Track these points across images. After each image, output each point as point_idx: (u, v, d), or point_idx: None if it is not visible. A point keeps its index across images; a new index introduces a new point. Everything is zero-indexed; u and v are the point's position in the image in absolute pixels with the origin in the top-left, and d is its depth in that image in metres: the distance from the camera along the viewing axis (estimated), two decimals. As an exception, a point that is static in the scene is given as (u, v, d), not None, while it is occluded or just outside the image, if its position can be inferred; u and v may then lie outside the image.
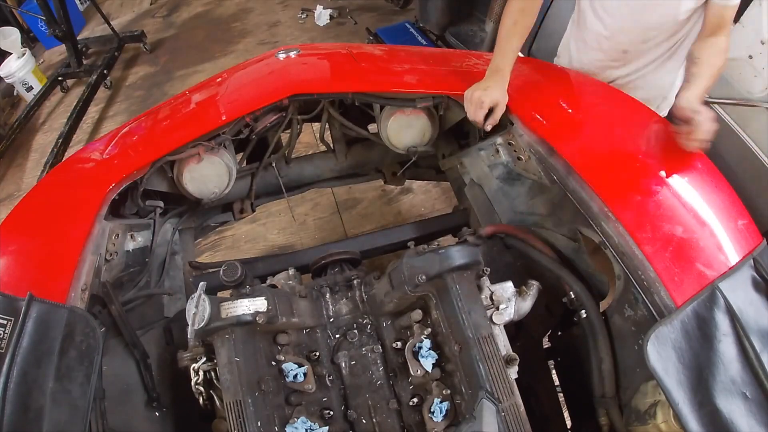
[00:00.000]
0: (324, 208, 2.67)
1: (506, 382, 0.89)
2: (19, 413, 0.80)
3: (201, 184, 1.41)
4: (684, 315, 0.86)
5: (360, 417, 0.98)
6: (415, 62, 1.44)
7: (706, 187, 1.06)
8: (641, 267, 0.94)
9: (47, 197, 1.22)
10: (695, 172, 1.09)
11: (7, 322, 0.86)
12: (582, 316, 1.07)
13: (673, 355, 0.84)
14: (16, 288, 0.94)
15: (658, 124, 1.18)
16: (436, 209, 2.58)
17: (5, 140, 3.28)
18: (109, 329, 1.05)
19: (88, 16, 4.63)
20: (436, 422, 0.91)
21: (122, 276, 1.24)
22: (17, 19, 3.83)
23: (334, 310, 1.11)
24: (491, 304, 1.01)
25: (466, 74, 1.42)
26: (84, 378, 0.88)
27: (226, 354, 0.92)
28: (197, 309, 0.90)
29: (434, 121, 1.50)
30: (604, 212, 1.02)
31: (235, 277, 0.99)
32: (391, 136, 1.53)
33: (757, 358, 0.82)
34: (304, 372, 0.95)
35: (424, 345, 0.96)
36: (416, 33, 3.11)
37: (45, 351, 0.87)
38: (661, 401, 0.89)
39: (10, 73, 3.57)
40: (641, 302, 0.95)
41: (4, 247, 1.06)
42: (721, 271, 0.90)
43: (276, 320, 0.95)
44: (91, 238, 1.08)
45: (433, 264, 0.96)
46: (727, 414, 0.80)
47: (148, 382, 1.06)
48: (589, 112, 1.22)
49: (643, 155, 1.11)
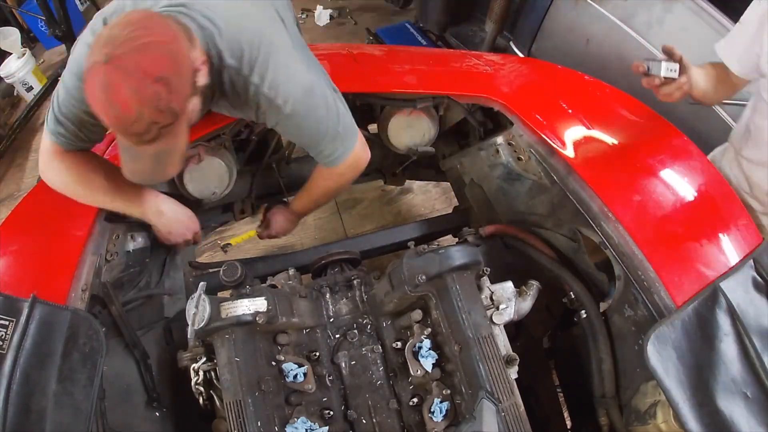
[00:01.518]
0: (324, 208, 2.67)
1: (506, 382, 0.89)
2: (22, 415, 0.80)
3: (201, 184, 1.41)
4: (684, 315, 0.86)
5: (360, 417, 0.98)
6: (415, 62, 1.44)
7: (706, 188, 1.06)
8: (641, 267, 0.94)
9: (48, 197, 1.22)
10: (695, 173, 1.09)
11: (8, 323, 0.87)
12: (582, 316, 1.07)
13: (673, 355, 0.84)
14: (17, 288, 0.94)
15: (659, 125, 1.18)
16: (436, 209, 2.58)
17: (5, 140, 3.28)
18: (109, 329, 1.05)
19: (88, 16, 4.62)
20: (436, 422, 0.91)
21: (122, 276, 1.24)
22: (17, 19, 3.83)
23: (334, 310, 1.11)
24: (491, 304, 1.01)
25: (466, 74, 1.42)
26: (87, 380, 0.88)
27: (226, 354, 0.92)
28: (197, 309, 0.90)
29: (434, 121, 1.50)
30: (604, 212, 1.02)
31: (235, 277, 0.99)
32: (391, 136, 1.53)
33: (758, 357, 0.83)
34: (304, 372, 0.95)
35: (424, 345, 0.96)
36: (416, 33, 3.11)
37: (48, 353, 0.87)
38: (661, 401, 0.89)
39: (10, 73, 3.56)
40: (641, 302, 0.95)
41: (5, 247, 1.06)
42: (721, 271, 0.90)
43: (276, 320, 0.95)
44: (92, 238, 1.08)
45: (433, 264, 0.96)
46: (727, 414, 0.80)
47: (148, 382, 1.06)
48: (589, 112, 1.22)
49: (644, 155, 1.11)
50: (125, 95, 0.78)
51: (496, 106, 1.32)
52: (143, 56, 0.79)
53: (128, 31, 0.79)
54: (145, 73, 0.78)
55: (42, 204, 1.20)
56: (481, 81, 1.39)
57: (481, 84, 1.37)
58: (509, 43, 2.55)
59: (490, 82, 1.37)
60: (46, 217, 1.15)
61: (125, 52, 0.78)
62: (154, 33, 0.81)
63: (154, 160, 0.88)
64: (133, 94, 0.78)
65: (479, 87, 1.36)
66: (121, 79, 0.77)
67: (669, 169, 1.08)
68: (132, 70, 0.78)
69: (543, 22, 2.25)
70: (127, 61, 0.78)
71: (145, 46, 0.79)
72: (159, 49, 0.81)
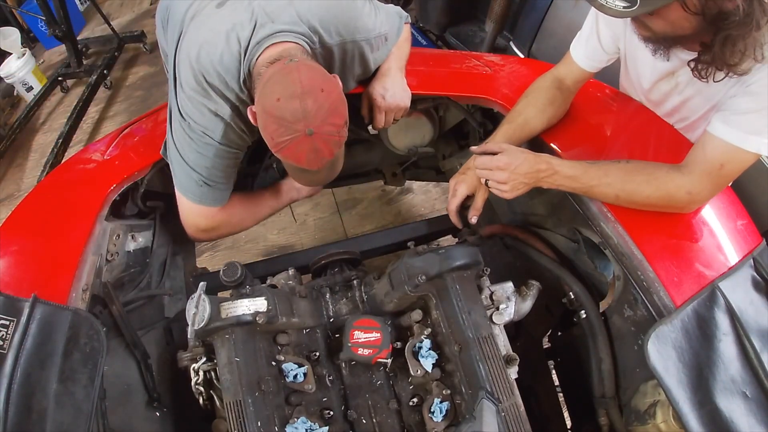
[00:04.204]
0: (324, 208, 2.67)
1: (506, 382, 0.89)
2: (22, 415, 0.80)
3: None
4: (684, 314, 0.86)
5: (360, 417, 0.98)
6: (415, 63, 1.44)
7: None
8: (641, 267, 0.94)
9: (48, 198, 1.22)
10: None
11: (9, 323, 0.87)
12: (582, 317, 1.07)
13: (673, 354, 0.84)
14: (17, 288, 0.94)
15: (658, 125, 1.18)
16: (436, 209, 2.58)
17: (5, 140, 3.28)
18: (110, 329, 1.05)
19: (88, 16, 4.62)
20: (436, 422, 0.91)
21: (123, 276, 1.24)
22: (17, 19, 3.83)
23: (334, 310, 1.11)
24: (491, 304, 1.01)
25: (466, 75, 1.43)
26: (88, 380, 0.88)
27: (226, 354, 0.92)
28: (197, 309, 0.90)
29: (434, 122, 1.51)
30: (603, 212, 1.02)
31: (235, 277, 0.99)
32: (391, 137, 1.53)
33: (757, 357, 0.83)
34: (304, 372, 0.95)
35: (424, 345, 0.96)
36: (416, 33, 3.10)
37: (48, 353, 0.87)
38: (661, 401, 0.89)
39: (10, 73, 3.57)
40: (641, 302, 0.95)
41: (5, 247, 1.06)
42: (720, 271, 0.90)
43: (276, 320, 0.95)
44: (92, 238, 1.08)
45: (433, 264, 0.96)
46: (727, 413, 0.80)
47: (148, 383, 1.06)
48: (588, 112, 1.22)
49: (642, 155, 1.11)
50: (330, 150, 0.97)
51: (496, 107, 1.32)
52: (334, 117, 0.95)
53: (313, 100, 0.92)
54: (338, 127, 0.96)
55: (42, 204, 1.20)
56: (481, 82, 1.39)
57: (481, 85, 1.37)
58: (509, 43, 2.55)
59: (490, 83, 1.37)
60: (46, 217, 1.15)
61: (323, 121, 0.93)
62: (331, 91, 0.96)
63: (330, 169, 1.05)
64: (335, 146, 0.97)
65: (479, 88, 1.36)
66: (325, 142, 0.95)
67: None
68: (331, 132, 0.95)
69: (543, 22, 2.25)
70: (326, 127, 0.94)
71: (332, 108, 0.95)
72: (339, 103, 0.97)
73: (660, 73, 1.10)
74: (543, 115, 1.15)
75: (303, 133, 0.92)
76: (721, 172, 0.91)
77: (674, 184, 0.92)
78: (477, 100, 1.37)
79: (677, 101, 1.12)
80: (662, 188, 0.93)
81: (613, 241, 0.99)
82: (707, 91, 1.02)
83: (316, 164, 0.98)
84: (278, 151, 0.97)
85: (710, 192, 0.93)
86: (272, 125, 0.94)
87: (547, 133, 1.18)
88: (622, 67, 1.26)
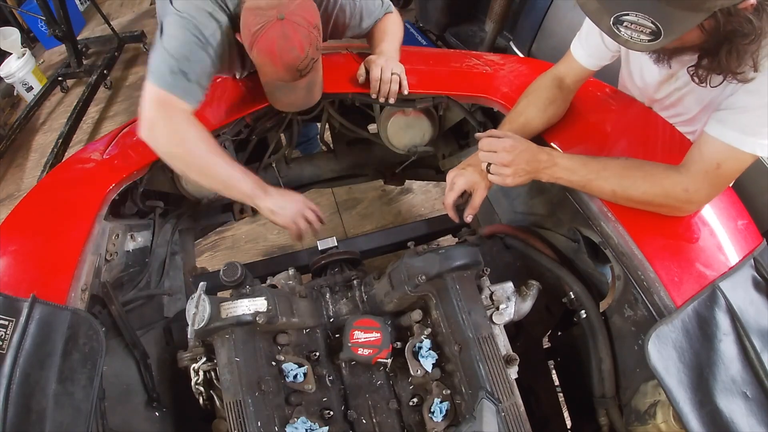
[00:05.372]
0: (324, 208, 2.67)
1: (506, 382, 0.89)
2: (22, 415, 0.80)
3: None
4: (685, 314, 0.86)
5: (360, 417, 0.98)
6: (415, 62, 1.44)
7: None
8: (641, 267, 0.94)
9: (47, 197, 1.22)
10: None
11: (8, 323, 0.87)
12: (582, 317, 1.07)
13: (673, 355, 0.84)
14: (17, 288, 0.94)
15: (658, 125, 1.18)
16: (435, 209, 2.58)
17: (5, 140, 3.28)
18: (109, 329, 1.05)
19: (88, 16, 4.62)
20: (436, 422, 0.91)
21: (122, 276, 1.24)
22: (17, 19, 3.83)
23: (334, 310, 1.11)
24: (491, 304, 1.01)
25: (466, 74, 1.42)
26: (87, 380, 0.88)
27: (226, 354, 0.92)
28: (197, 309, 0.90)
29: (434, 121, 1.50)
30: (604, 212, 1.02)
31: (235, 277, 0.99)
32: (390, 136, 1.53)
33: (757, 357, 0.82)
34: (304, 372, 0.95)
35: (424, 345, 0.96)
36: (416, 33, 3.11)
37: (47, 353, 0.87)
38: (661, 401, 0.89)
39: (10, 73, 3.56)
40: (641, 302, 0.95)
41: (4, 247, 1.06)
42: (721, 271, 0.90)
43: (276, 320, 0.95)
44: (91, 238, 1.08)
45: (433, 264, 0.96)
46: (727, 413, 0.80)
47: (148, 383, 1.06)
48: (588, 111, 1.22)
49: (642, 155, 1.11)
50: (299, 40, 1.09)
51: (496, 106, 1.32)
52: (305, 12, 1.10)
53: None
54: (309, 23, 1.10)
55: (42, 204, 1.20)
56: (481, 81, 1.39)
57: (481, 84, 1.37)
58: (509, 43, 2.56)
59: (490, 82, 1.37)
60: (45, 216, 1.15)
61: (293, 10, 1.08)
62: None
63: (306, 90, 1.19)
64: (304, 39, 1.09)
65: (479, 87, 1.36)
66: (295, 30, 1.08)
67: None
68: (301, 22, 1.09)
69: (543, 22, 2.25)
70: (296, 16, 1.08)
71: (304, 4, 1.11)
72: (311, 4, 1.14)
73: (661, 74, 1.10)
74: (544, 114, 1.15)
75: (275, 18, 1.06)
76: (717, 171, 0.90)
77: (671, 181, 0.92)
78: (477, 99, 1.37)
79: (676, 98, 1.13)
80: (659, 184, 0.93)
81: (614, 240, 0.99)
82: (705, 90, 1.03)
83: (287, 56, 1.08)
84: (253, 43, 1.09)
85: (707, 192, 0.93)
86: (249, 17, 1.08)
87: (548, 133, 1.18)
88: (623, 66, 1.26)
